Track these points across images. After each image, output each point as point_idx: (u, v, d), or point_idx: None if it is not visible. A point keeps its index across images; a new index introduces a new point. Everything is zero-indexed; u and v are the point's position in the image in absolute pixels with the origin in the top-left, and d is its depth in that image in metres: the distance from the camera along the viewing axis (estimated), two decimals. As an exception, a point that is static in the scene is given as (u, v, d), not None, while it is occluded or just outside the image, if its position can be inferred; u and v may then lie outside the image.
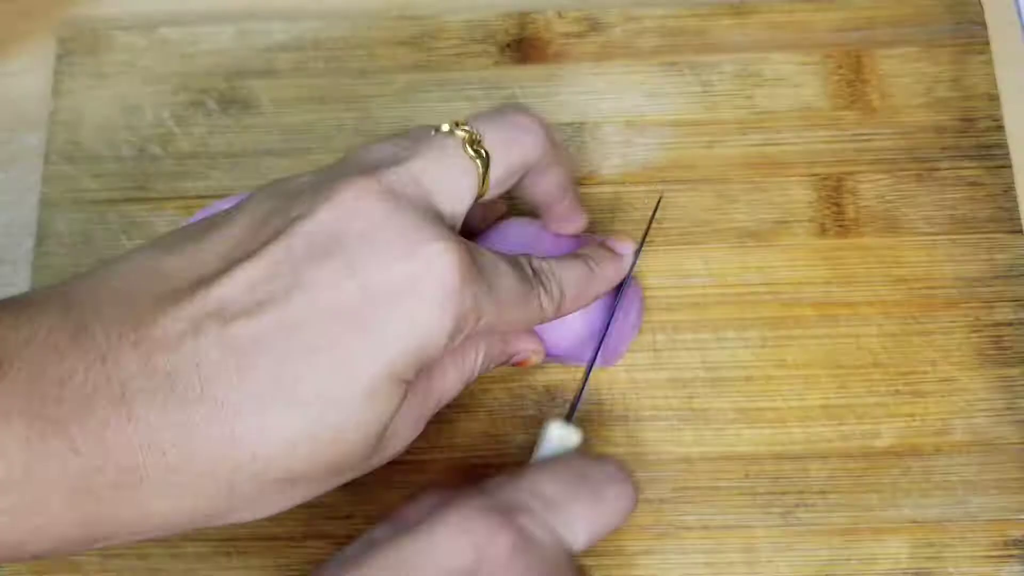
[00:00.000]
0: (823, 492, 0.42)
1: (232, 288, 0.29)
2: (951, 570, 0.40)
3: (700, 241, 0.45)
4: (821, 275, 0.44)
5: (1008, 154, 0.46)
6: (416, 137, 0.33)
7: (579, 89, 0.48)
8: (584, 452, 0.38)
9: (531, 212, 0.41)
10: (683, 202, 0.46)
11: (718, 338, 0.43)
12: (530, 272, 0.35)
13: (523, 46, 0.48)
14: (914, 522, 0.41)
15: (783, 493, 0.42)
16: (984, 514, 0.41)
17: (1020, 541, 0.41)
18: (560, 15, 0.49)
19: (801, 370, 0.43)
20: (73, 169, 0.47)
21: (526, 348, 0.39)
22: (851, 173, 0.46)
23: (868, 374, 0.43)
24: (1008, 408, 0.42)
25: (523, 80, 0.48)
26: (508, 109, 0.35)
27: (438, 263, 0.30)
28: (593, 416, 0.43)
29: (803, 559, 0.41)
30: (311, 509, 0.42)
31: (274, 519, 0.41)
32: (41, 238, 0.46)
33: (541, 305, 0.35)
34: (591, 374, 0.40)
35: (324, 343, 0.29)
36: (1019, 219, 0.45)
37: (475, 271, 0.31)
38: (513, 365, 0.40)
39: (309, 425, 0.29)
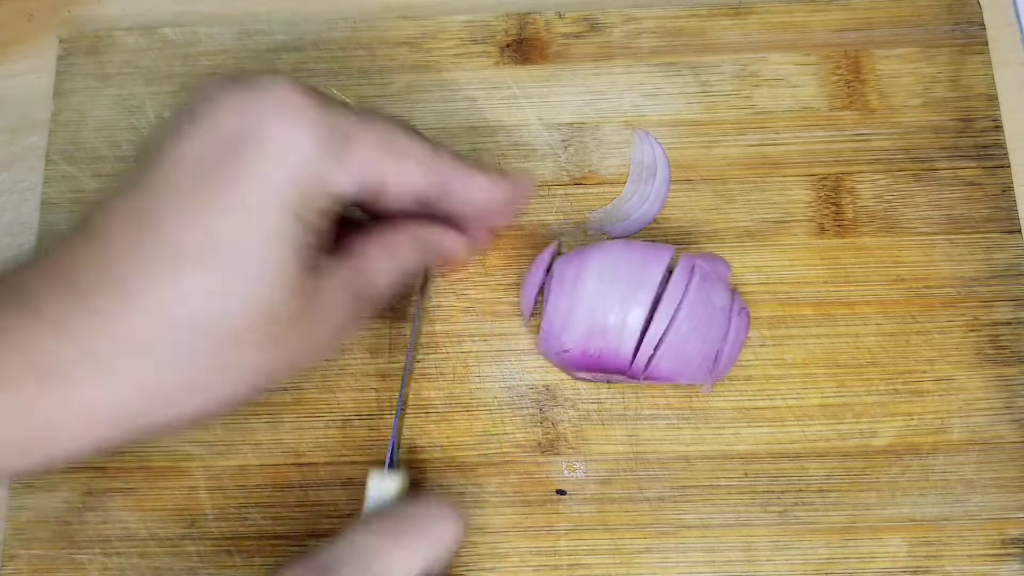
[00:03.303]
0: (821, 491, 0.42)
1: (119, 181, 0.32)
2: (949, 568, 0.41)
3: (699, 241, 0.45)
4: (819, 275, 0.44)
5: (1006, 154, 0.46)
6: None
7: (579, 89, 0.48)
8: (411, 496, 0.39)
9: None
10: (682, 202, 0.46)
11: (717, 337, 0.44)
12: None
13: (523, 46, 0.49)
14: (912, 520, 0.41)
15: (782, 492, 0.42)
16: (982, 513, 0.41)
17: (1018, 539, 0.41)
18: (560, 15, 0.49)
19: (800, 369, 0.43)
20: (75, 169, 0.47)
21: (451, 242, 0.39)
22: (849, 173, 0.46)
23: (866, 373, 0.43)
24: (1006, 407, 0.43)
25: (523, 80, 0.48)
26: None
27: (276, 88, 0.31)
28: (593, 416, 0.43)
29: (802, 557, 0.41)
30: (311, 508, 0.42)
31: (275, 518, 0.42)
32: (43, 238, 0.46)
33: (424, 144, 0.35)
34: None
35: (192, 198, 0.30)
36: (1017, 219, 0.45)
37: (318, 93, 0.32)
38: (448, 264, 0.41)
39: (220, 274, 0.30)
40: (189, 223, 0.30)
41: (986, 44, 0.48)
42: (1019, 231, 0.45)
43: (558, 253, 0.42)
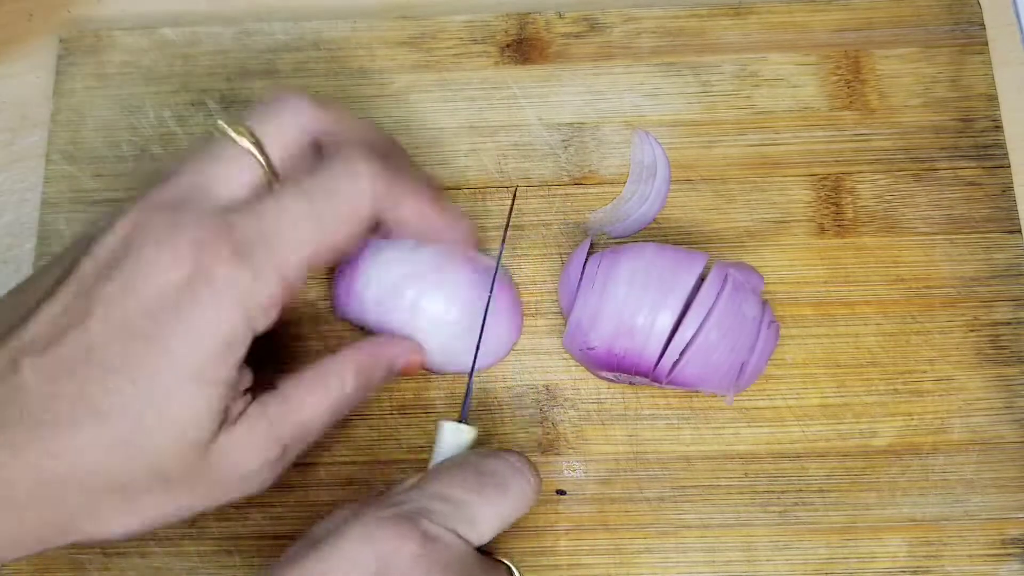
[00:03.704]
0: (821, 491, 0.42)
1: (39, 324, 0.32)
2: (949, 568, 0.41)
3: (699, 241, 0.45)
4: (819, 275, 0.44)
5: (1006, 154, 0.46)
6: (190, 147, 0.36)
7: (579, 89, 0.48)
8: (483, 448, 0.38)
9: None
10: (682, 202, 0.46)
11: (717, 337, 0.44)
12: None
13: (523, 46, 0.49)
14: (912, 520, 0.41)
15: (782, 492, 0.42)
16: (982, 513, 0.41)
17: (1018, 540, 0.41)
18: (560, 15, 0.49)
19: (800, 369, 0.43)
20: (75, 169, 0.47)
21: (399, 351, 0.40)
22: (850, 173, 0.46)
23: (866, 373, 0.43)
24: (1006, 407, 0.43)
25: (523, 80, 0.48)
26: (273, 93, 0.37)
27: (202, 257, 0.32)
28: (593, 416, 0.43)
29: (802, 557, 0.41)
30: (312, 508, 0.42)
31: (275, 518, 0.42)
32: (43, 238, 0.46)
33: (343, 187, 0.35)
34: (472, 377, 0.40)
35: (119, 359, 0.32)
36: (1017, 219, 0.45)
37: (241, 245, 0.32)
38: (402, 375, 0.40)
39: (118, 433, 0.32)
40: (105, 386, 0.32)
41: (986, 44, 0.48)
42: (1019, 231, 0.45)
43: (590, 251, 0.42)
